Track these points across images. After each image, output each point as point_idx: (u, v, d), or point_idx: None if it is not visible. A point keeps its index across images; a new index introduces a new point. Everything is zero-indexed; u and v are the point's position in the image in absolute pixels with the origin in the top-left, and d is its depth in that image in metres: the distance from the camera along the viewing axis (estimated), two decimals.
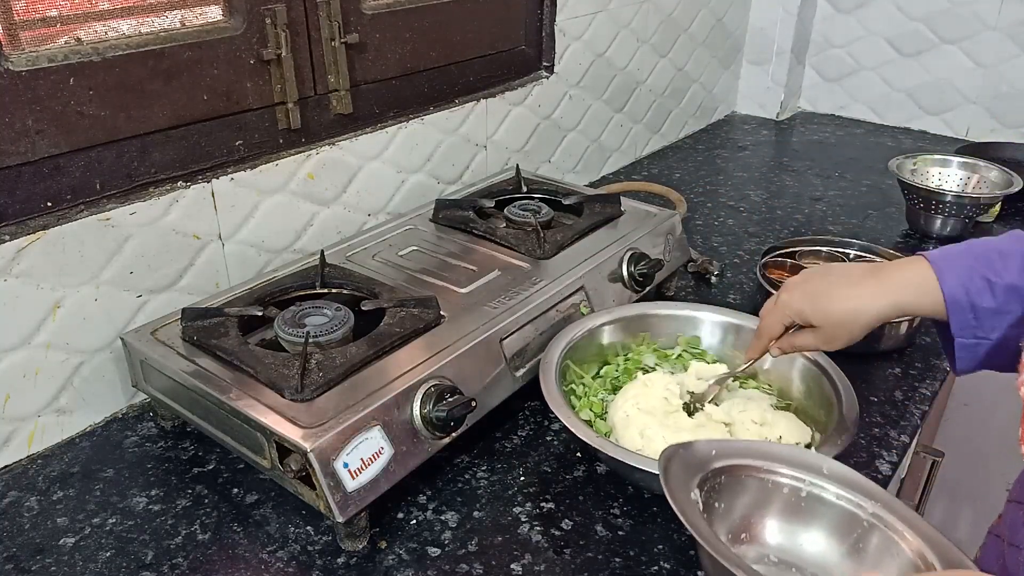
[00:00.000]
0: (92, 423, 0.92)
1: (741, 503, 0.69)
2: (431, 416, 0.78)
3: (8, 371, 0.84)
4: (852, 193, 1.61)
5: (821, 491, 0.69)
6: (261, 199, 1.02)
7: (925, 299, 0.72)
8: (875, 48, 1.96)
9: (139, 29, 0.89)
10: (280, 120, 1.03)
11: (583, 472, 0.85)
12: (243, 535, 0.77)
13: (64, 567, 0.73)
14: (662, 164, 1.76)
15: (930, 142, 1.90)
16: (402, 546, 0.76)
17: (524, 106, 1.40)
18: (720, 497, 0.68)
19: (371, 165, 1.15)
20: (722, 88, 2.03)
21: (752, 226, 1.45)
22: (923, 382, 1.00)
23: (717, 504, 0.68)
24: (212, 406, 0.79)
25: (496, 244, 1.07)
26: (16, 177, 0.82)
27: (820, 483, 0.69)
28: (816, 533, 0.69)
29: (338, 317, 0.86)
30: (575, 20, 1.45)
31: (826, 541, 0.68)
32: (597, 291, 1.01)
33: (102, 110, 0.86)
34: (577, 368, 0.91)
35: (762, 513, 0.70)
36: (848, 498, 0.68)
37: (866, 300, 0.74)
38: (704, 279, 1.25)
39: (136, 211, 0.90)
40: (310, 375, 0.77)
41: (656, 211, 1.18)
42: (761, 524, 0.70)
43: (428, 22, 1.19)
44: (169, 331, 0.88)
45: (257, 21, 0.97)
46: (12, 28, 0.79)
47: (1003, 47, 1.80)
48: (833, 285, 0.77)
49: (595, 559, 0.74)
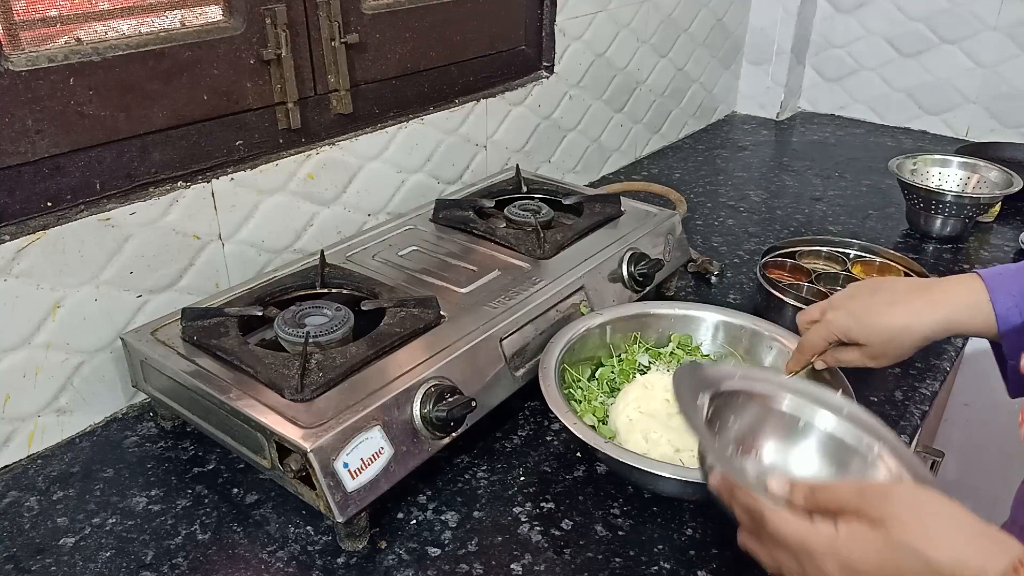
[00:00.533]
0: (92, 423, 0.92)
1: (744, 422, 0.70)
2: (431, 416, 0.78)
3: (8, 371, 0.84)
4: (852, 193, 1.61)
5: (822, 421, 0.69)
6: (261, 199, 1.02)
7: (977, 317, 0.70)
8: (875, 48, 1.96)
9: (139, 29, 0.89)
10: (280, 120, 1.03)
11: (583, 472, 0.85)
12: (243, 535, 0.77)
13: (64, 567, 0.73)
14: (662, 164, 1.76)
15: (930, 142, 1.90)
16: (402, 546, 0.76)
17: (524, 106, 1.40)
18: (726, 413, 0.69)
19: (371, 165, 1.15)
20: (722, 88, 2.03)
21: (752, 226, 1.45)
22: (923, 382, 1.00)
23: (725, 418, 0.69)
24: (212, 406, 0.79)
25: (496, 244, 1.07)
26: (16, 177, 0.82)
27: (822, 413, 0.69)
28: (810, 456, 0.70)
29: (338, 317, 0.86)
30: (575, 20, 1.45)
31: (818, 464, 0.69)
32: (597, 291, 1.01)
33: (102, 110, 0.86)
34: (573, 371, 0.91)
35: (762, 434, 0.70)
36: (851, 432, 0.68)
37: (914, 318, 0.72)
38: (704, 279, 1.25)
39: (136, 211, 0.90)
40: (310, 375, 0.77)
41: (656, 211, 1.18)
42: (759, 444, 0.71)
43: (428, 22, 1.19)
44: (169, 331, 0.88)
45: (257, 21, 0.97)
46: (12, 28, 0.79)
47: (1003, 47, 1.80)
48: (881, 303, 0.75)
49: (595, 559, 0.74)
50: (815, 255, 1.26)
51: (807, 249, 1.26)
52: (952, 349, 1.07)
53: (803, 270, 1.21)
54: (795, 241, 1.27)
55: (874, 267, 1.24)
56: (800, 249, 1.26)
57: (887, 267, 1.22)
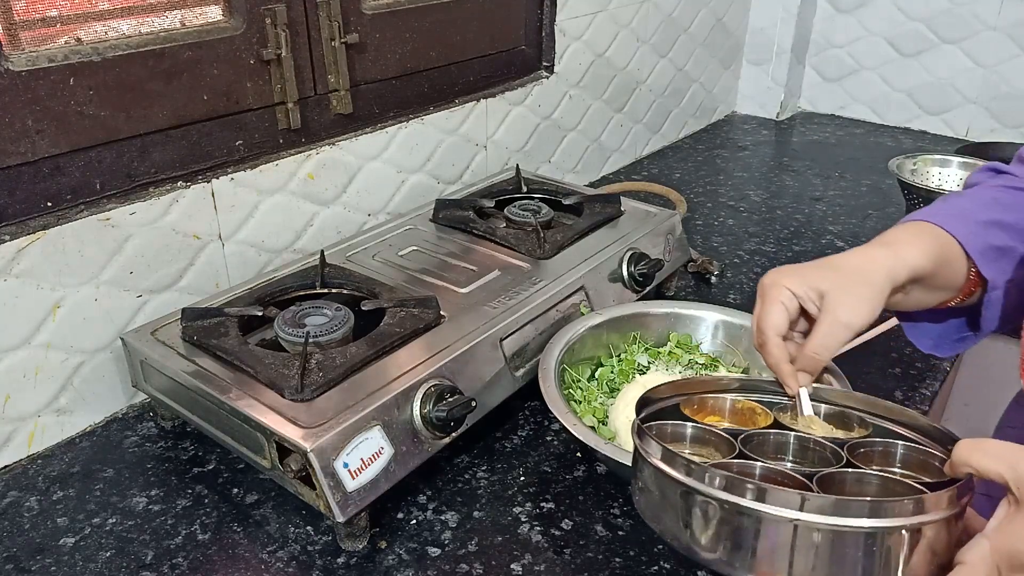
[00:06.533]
0: (92, 423, 0.92)
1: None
2: (431, 416, 0.78)
3: (8, 371, 0.84)
4: (852, 193, 1.61)
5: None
6: (261, 199, 1.02)
7: (935, 246, 0.66)
8: (875, 48, 1.96)
9: (139, 29, 0.89)
10: (280, 120, 1.03)
11: (583, 472, 0.85)
12: (243, 535, 0.77)
13: (64, 567, 0.73)
14: (662, 164, 1.76)
15: (930, 142, 1.90)
16: (402, 546, 0.76)
17: (524, 106, 1.40)
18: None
19: (371, 165, 1.15)
20: (722, 88, 2.03)
21: (752, 226, 1.45)
22: (923, 382, 1.00)
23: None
24: (212, 406, 0.79)
25: (496, 244, 1.07)
26: (16, 177, 0.82)
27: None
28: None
29: (338, 317, 0.86)
30: (575, 20, 1.45)
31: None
32: (597, 291, 1.01)
33: (102, 110, 0.86)
34: (573, 371, 0.91)
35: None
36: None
37: (868, 257, 0.66)
38: (704, 279, 1.25)
39: (136, 211, 0.90)
40: (310, 375, 0.77)
41: (656, 211, 1.18)
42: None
43: (428, 22, 1.19)
44: (169, 331, 0.88)
45: (257, 21, 0.97)
46: (12, 28, 0.79)
47: (1003, 47, 1.80)
48: (823, 260, 0.68)
49: (595, 559, 0.74)
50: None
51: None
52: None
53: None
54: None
55: None
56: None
57: None
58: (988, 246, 0.68)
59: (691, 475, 0.53)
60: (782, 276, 0.67)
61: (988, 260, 0.68)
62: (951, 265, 0.68)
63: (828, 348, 0.65)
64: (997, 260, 0.69)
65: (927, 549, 0.50)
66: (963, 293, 0.71)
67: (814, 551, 0.49)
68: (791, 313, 0.66)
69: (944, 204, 0.74)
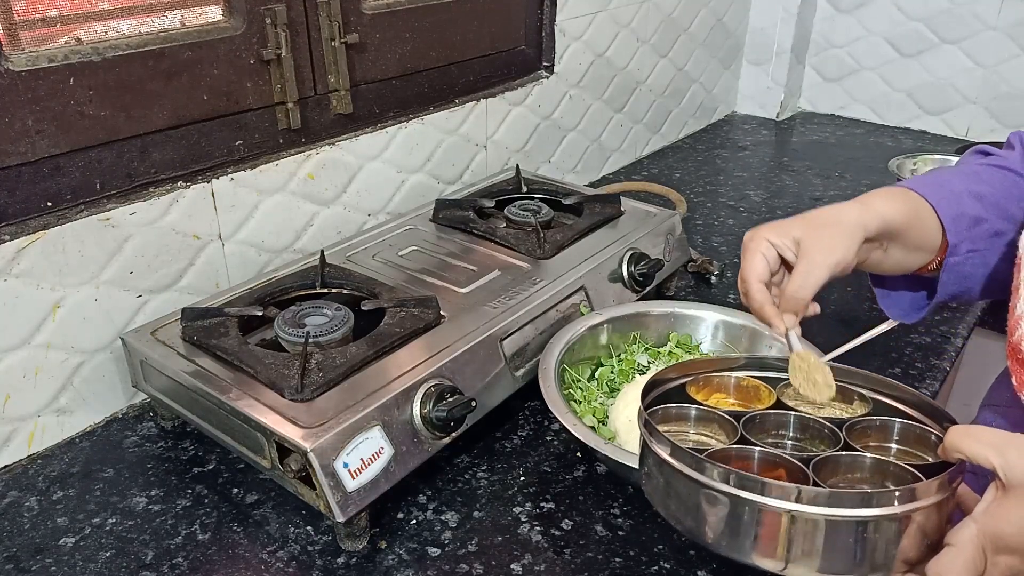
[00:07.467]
0: (92, 423, 0.92)
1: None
2: (431, 416, 0.78)
3: (8, 371, 0.84)
4: (852, 193, 1.59)
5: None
6: (261, 199, 1.02)
7: (906, 205, 0.70)
8: (875, 48, 1.96)
9: (139, 29, 0.89)
10: (280, 120, 1.03)
11: (583, 472, 0.85)
12: (243, 535, 0.77)
13: (64, 567, 0.73)
14: (662, 164, 1.76)
15: (930, 142, 1.90)
16: (402, 546, 0.76)
17: (524, 106, 1.40)
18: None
19: (371, 165, 1.15)
20: (722, 88, 2.03)
21: (752, 226, 1.44)
22: (923, 382, 1.00)
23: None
24: (212, 406, 0.79)
25: (496, 244, 1.07)
26: (16, 177, 0.82)
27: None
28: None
29: (338, 317, 0.86)
30: (575, 20, 1.45)
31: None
32: (597, 291, 1.01)
33: (102, 110, 0.86)
34: (573, 371, 0.91)
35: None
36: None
37: (840, 207, 0.70)
38: (704, 279, 1.25)
39: (136, 211, 0.90)
40: (310, 375, 0.77)
41: (656, 211, 1.18)
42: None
43: (428, 22, 1.19)
44: (169, 331, 0.88)
45: (257, 21, 0.97)
46: (12, 28, 0.79)
47: (1003, 47, 1.79)
48: (800, 214, 0.72)
49: (595, 559, 0.74)
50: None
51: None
52: (952, 349, 1.07)
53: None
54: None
55: None
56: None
57: None
58: (961, 213, 0.71)
59: (696, 468, 0.56)
60: (760, 230, 0.72)
61: (959, 226, 0.71)
62: (924, 224, 0.71)
63: (807, 287, 0.68)
64: (969, 229, 0.71)
65: (917, 532, 0.54)
66: (940, 254, 0.73)
67: (810, 538, 0.54)
68: (771, 262, 0.71)
69: (925, 175, 0.77)
